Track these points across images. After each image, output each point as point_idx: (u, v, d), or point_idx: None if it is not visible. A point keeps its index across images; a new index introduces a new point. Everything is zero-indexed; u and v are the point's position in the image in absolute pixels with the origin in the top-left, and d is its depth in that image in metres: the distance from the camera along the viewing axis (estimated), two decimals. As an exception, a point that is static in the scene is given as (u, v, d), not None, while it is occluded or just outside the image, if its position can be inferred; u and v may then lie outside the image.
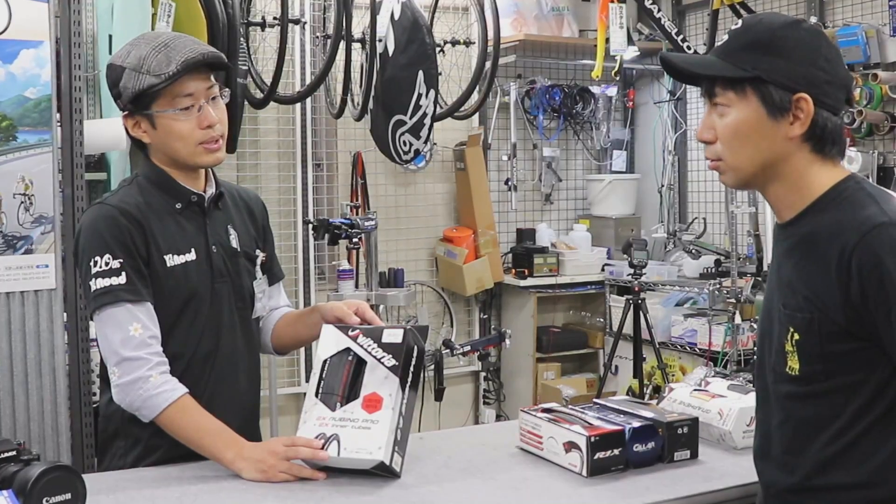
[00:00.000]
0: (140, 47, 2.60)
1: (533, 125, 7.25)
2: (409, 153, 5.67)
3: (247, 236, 2.85)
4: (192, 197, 2.71)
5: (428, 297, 6.90)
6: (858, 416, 1.99)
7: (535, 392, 6.81)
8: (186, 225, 2.70)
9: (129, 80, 2.58)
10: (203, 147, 2.65)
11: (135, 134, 2.67)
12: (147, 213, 2.64)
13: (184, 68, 2.56)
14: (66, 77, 3.95)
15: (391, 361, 2.47)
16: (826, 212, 2.04)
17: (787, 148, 2.06)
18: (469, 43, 6.13)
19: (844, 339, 1.98)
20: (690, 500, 2.37)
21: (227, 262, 2.76)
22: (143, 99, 2.59)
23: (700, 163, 7.16)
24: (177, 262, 2.65)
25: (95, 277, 2.54)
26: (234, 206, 2.86)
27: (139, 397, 2.51)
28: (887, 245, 1.90)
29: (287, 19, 5.16)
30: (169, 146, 2.65)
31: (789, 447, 2.12)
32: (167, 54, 2.57)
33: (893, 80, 5.35)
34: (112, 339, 2.53)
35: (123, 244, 2.56)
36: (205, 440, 2.51)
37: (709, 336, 5.72)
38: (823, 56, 2.05)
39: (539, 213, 7.45)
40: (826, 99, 2.04)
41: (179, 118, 2.61)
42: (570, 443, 2.49)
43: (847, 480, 2.01)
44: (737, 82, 2.07)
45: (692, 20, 7.19)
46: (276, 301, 3.01)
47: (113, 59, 2.66)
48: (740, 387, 2.94)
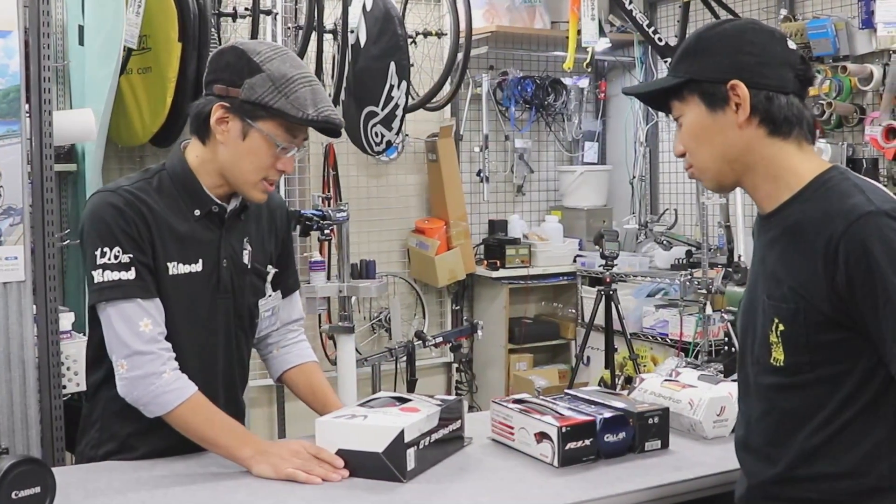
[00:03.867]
0: (286, 63, 2.50)
1: (505, 116, 7.25)
2: (381, 144, 5.66)
3: (261, 252, 2.78)
4: (214, 207, 2.63)
5: (400, 288, 6.90)
6: (843, 406, 2.00)
7: (508, 383, 6.82)
8: (201, 234, 2.62)
9: (263, 86, 2.46)
10: (263, 182, 2.57)
11: (215, 126, 2.53)
12: (160, 213, 2.56)
13: (321, 122, 2.50)
14: (35, 67, 3.92)
15: (436, 402, 2.58)
16: (811, 202, 2.05)
17: (741, 137, 2.10)
18: (441, 34, 6.13)
19: (830, 329, 1.98)
20: (661, 489, 2.39)
21: (234, 277, 2.69)
22: (259, 111, 2.49)
23: (671, 154, 7.16)
24: (180, 272, 2.58)
25: (103, 269, 2.48)
26: (255, 217, 2.77)
27: (149, 393, 2.47)
28: (874, 234, 1.90)
29: (258, 10, 5.15)
30: (241, 162, 2.54)
31: (773, 438, 2.12)
32: (313, 96, 2.49)
33: (862, 73, 5.38)
34: (121, 332, 2.48)
35: (131, 238, 2.50)
36: (219, 439, 2.47)
37: (680, 327, 5.75)
38: (748, 41, 2.09)
39: (511, 204, 7.45)
40: (762, 80, 2.07)
41: (272, 149, 2.52)
42: (541, 433, 2.49)
43: (831, 470, 2.02)
44: (677, 91, 2.16)
45: (664, 12, 7.20)
46: (288, 313, 2.95)
47: (247, 49, 2.53)
48: (710, 377, 2.96)
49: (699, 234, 5.96)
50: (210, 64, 2.60)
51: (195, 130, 2.61)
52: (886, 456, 1.98)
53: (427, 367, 6.83)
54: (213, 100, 2.53)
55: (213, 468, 2.47)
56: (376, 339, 6.67)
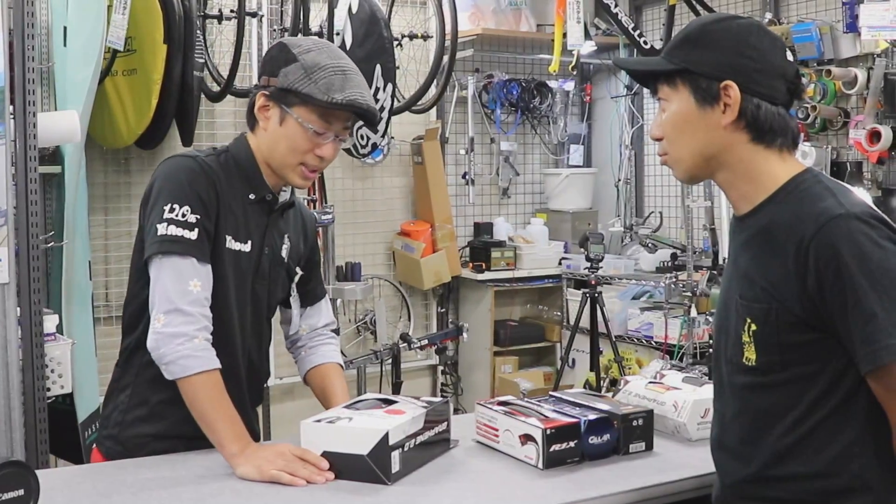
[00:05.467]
0: (322, 54, 2.62)
1: (490, 119, 7.26)
2: (367, 147, 5.66)
3: (295, 251, 2.87)
4: (267, 195, 2.72)
5: (385, 290, 6.89)
6: (814, 407, 2.01)
7: (493, 385, 6.83)
8: (251, 217, 2.70)
9: (295, 74, 2.58)
10: (302, 168, 2.66)
11: (258, 114, 2.66)
12: (224, 188, 2.63)
13: (346, 105, 2.58)
14: (19, 69, 3.91)
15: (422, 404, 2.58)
16: (783, 204, 2.06)
17: (723, 137, 2.11)
18: (426, 37, 6.13)
19: (801, 330, 2.00)
20: (645, 491, 2.39)
21: (272, 266, 2.77)
22: (292, 97, 2.59)
23: (656, 157, 7.12)
24: (233, 248, 2.65)
25: (168, 223, 2.52)
26: (294, 219, 2.88)
27: (175, 352, 2.47)
28: (844, 237, 1.92)
29: (244, 12, 5.14)
30: (278, 145, 2.64)
31: (746, 438, 2.13)
32: (343, 82, 2.58)
33: (846, 76, 5.40)
34: (169, 287, 2.50)
35: (202, 202, 2.56)
36: (217, 423, 2.48)
37: (665, 329, 5.75)
38: (751, 45, 2.09)
39: (496, 206, 7.46)
40: (756, 87, 2.08)
41: (307, 134, 2.61)
42: (525, 435, 2.49)
43: (803, 470, 2.03)
44: (670, 76, 2.15)
45: (649, 15, 7.22)
46: (317, 319, 3.02)
47: (290, 43, 2.67)
48: (695, 379, 2.97)
49: (684, 236, 5.97)
50: (263, 59, 2.74)
51: (248, 121, 2.74)
52: (858, 456, 2.00)
53: (412, 369, 6.83)
54: (257, 90, 2.67)
55: (197, 470, 2.46)
56: (362, 342, 6.66)
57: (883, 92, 5.22)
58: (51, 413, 3.96)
